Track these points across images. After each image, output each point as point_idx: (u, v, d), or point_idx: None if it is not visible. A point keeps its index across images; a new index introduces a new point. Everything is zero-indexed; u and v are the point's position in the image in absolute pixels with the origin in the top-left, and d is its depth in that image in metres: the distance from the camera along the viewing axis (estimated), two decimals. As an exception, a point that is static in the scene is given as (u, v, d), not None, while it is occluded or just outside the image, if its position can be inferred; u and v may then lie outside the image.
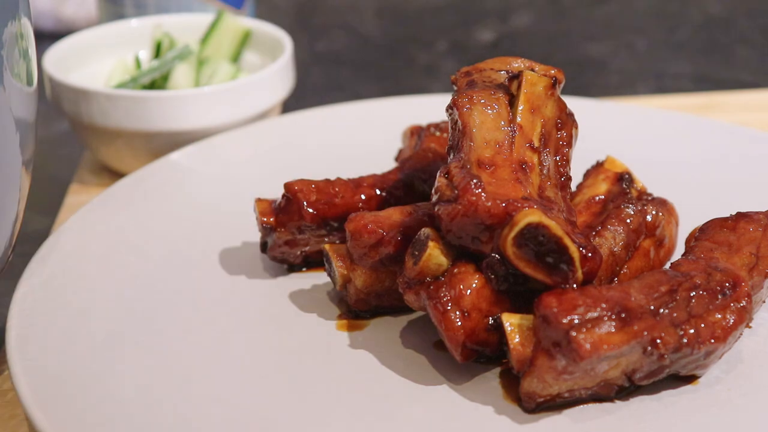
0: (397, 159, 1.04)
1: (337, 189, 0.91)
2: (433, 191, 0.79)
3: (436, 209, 0.78)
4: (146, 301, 0.87)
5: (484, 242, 0.76)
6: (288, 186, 0.90)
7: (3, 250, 0.78)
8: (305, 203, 0.89)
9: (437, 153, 0.97)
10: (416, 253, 0.78)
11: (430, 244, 0.77)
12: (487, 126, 0.80)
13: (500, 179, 0.77)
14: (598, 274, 0.80)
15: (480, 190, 0.75)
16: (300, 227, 0.90)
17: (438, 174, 0.79)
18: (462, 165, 0.78)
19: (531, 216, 0.73)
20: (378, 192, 0.93)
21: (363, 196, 0.92)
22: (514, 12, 1.91)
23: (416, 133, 1.03)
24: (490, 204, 0.75)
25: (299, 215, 0.89)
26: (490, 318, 0.76)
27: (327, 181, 0.92)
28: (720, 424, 0.74)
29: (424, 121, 1.05)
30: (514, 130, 0.81)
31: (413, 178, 0.94)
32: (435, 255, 0.77)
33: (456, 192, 0.76)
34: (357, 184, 0.93)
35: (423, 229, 0.79)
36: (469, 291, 0.76)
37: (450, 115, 0.82)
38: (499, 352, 0.78)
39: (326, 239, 0.91)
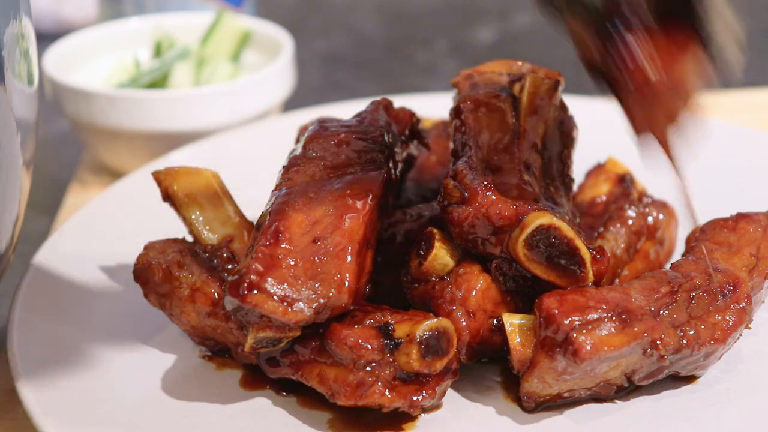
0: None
1: None
2: (440, 194, 0.78)
3: (445, 212, 0.77)
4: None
5: (493, 244, 0.76)
6: None
7: (3, 250, 0.78)
8: None
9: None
10: (421, 252, 0.78)
11: (436, 244, 0.77)
12: (492, 128, 0.80)
13: (507, 181, 0.77)
14: (598, 276, 0.80)
15: (490, 192, 0.75)
16: None
17: (444, 176, 0.78)
18: (469, 167, 0.78)
19: (542, 218, 0.73)
20: None
21: None
22: (514, 12, 1.91)
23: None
24: (501, 206, 0.75)
25: None
26: (495, 319, 0.76)
27: None
28: (719, 423, 0.74)
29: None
30: (519, 133, 0.80)
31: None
32: (441, 255, 0.77)
33: (465, 195, 0.76)
34: None
35: (428, 229, 0.79)
36: (474, 292, 0.76)
37: (454, 117, 0.82)
38: (500, 353, 0.78)
39: None
